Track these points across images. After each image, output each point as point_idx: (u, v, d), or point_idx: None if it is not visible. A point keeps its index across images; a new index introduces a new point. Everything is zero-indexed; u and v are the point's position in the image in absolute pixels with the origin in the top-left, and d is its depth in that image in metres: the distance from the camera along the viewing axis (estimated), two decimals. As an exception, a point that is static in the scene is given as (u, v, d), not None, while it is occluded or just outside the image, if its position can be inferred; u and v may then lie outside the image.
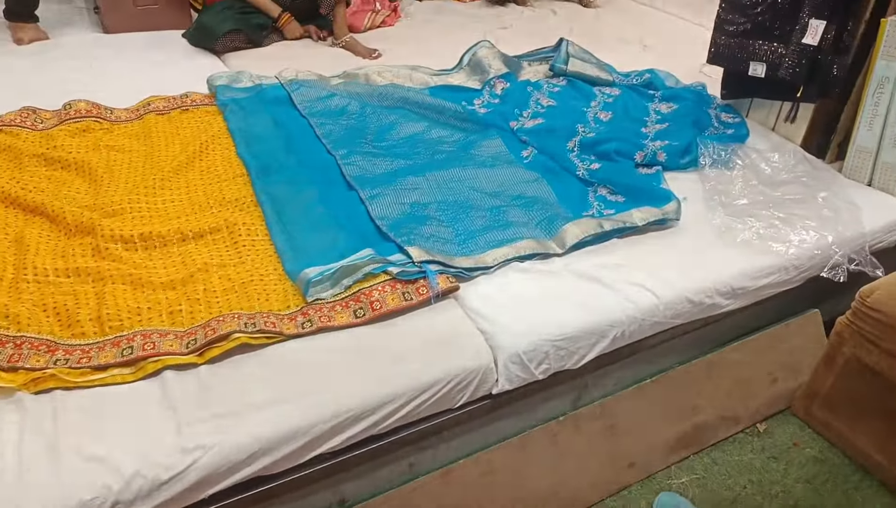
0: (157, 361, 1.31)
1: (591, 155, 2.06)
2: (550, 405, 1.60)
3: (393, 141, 2.11)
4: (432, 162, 2.00)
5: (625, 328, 1.55)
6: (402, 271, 1.51)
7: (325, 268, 1.48)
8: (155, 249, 1.60)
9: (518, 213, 1.80)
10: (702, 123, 2.24)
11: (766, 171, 2.01)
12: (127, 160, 1.95)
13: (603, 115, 2.32)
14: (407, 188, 1.84)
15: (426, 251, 1.56)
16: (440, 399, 1.38)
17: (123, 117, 2.16)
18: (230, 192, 1.81)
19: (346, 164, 1.92)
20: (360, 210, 1.75)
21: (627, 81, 2.55)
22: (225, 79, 2.34)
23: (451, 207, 1.80)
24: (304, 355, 1.36)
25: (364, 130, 2.13)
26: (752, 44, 2.17)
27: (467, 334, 1.46)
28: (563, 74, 2.54)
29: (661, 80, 2.52)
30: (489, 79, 2.47)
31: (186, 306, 1.44)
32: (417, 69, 2.55)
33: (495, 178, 1.94)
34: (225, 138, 2.07)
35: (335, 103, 2.25)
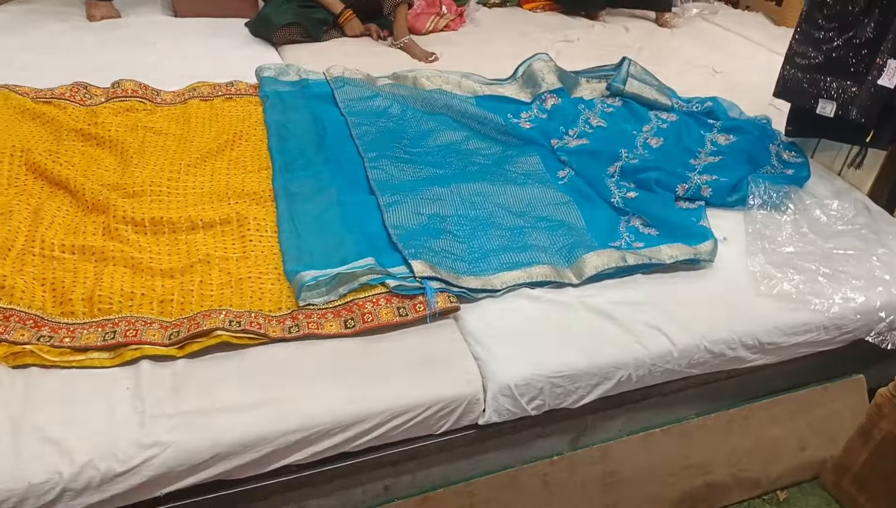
0: (136, 349, 1.29)
1: (631, 182, 1.94)
2: (544, 443, 1.50)
3: (427, 148, 2.05)
4: (462, 174, 1.93)
5: (631, 371, 1.44)
6: (399, 285, 1.44)
7: (321, 273, 1.43)
8: (163, 234, 1.60)
9: (540, 236, 1.71)
10: (758, 160, 2.08)
11: (820, 218, 1.85)
12: (161, 143, 1.97)
13: (654, 141, 2.19)
14: (429, 199, 1.77)
15: (430, 267, 1.49)
16: (419, 424, 1.31)
17: (168, 100, 2.19)
18: (251, 184, 1.79)
19: (372, 167, 1.88)
20: (375, 216, 1.70)
21: (687, 107, 2.41)
22: (272, 71, 2.34)
23: (471, 222, 1.72)
24: (285, 361, 1.32)
25: (401, 135, 2.09)
26: (823, 80, 1.99)
27: (459, 358, 1.38)
28: (620, 94, 2.42)
29: (723, 109, 2.36)
30: (540, 93, 2.38)
31: (179, 296, 1.42)
32: (469, 77, 2.48)
33: (524, 196, 1.85)
34: (260, 130, 2.06)
35: (377, 104, 2.22)
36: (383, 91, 2.29)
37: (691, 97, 2.48)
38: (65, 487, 1.09)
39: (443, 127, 2.15)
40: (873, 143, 1.95)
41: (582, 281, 1.58)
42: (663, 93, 2.45)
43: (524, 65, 2.53)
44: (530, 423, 1.42)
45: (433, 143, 2.08)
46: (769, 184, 1.92)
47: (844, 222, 1.82)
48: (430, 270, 1.48)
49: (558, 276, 1.58)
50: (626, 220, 1.83)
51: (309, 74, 2.39)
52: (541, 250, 1.66)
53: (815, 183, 2.06)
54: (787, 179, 2.02)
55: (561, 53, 2.86)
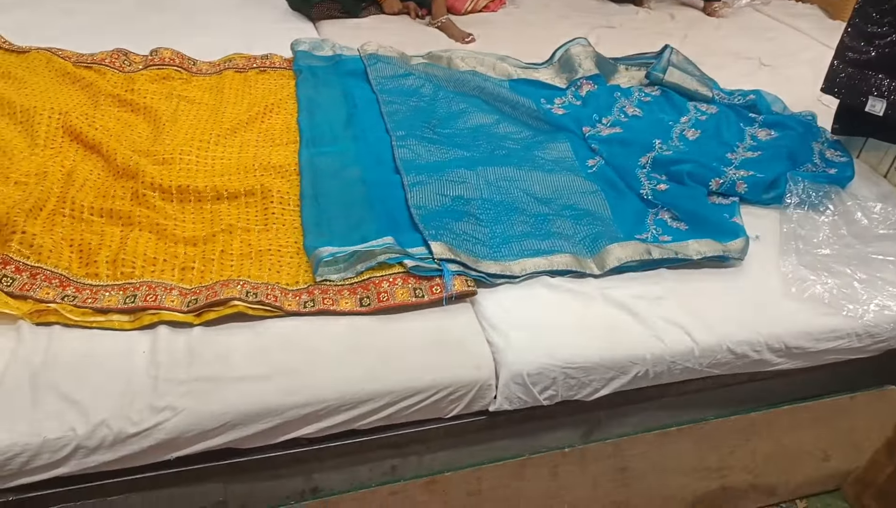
0: (155, 314, 1.31)
1: (662, 174, 1.89)
2: (555, 434, 1.48)
3: (457, 130, 2.03)
4: (490, 157, 1.91)
5: (649, 367, 1.41)
6: (416, 265, 1.43)
7: (338, 250, 1.43)
8: (189, 203, 1.62)
9: (565, 224, 1.68)
10: (799, 158, 2.00)
11: (861, 221, 1.78)
12: (194, 112, 1.98)
13: (690, 133, 2.13)
14: (454, 181, 1.76)
15: (449, 249, 1.48)
16: (429, 407, 1.31)
17: (204, 70, 2.21)
18: (278, 158, 1.80)
19: (399, 145, 1.86)
20: (398, 195, 1.69)
21: (729, 99, 2.33)
22: (307, 45, 2.34)
23: (495, 207, 1.70)
24: (298, 335, 1.32)
25: (431, 115, 2.07)
26: (874, 77, 1.91)
27: (473, 342, 1.37)
28: (660, 83, 2.35)
29: (766, 103, 2.27)
30: (576, 79, 2.33)
31: (200, 264, 1.44)
32: (505, 60, 2.44)
33: (551, 183, 1.82)
34: (291, 104, 2.06)
35: (409, 83, 2.20)
36: (416, 70, 2.27)
37: (733, 89, 2.40)
38: (78, 444, 1.11)
39: (474, 109, 2.12)
40: (923, 145, 1.86)
41: (604, 272, 1.55)
42: (705, 84, 2.36)
43: (561, 49, 2.47)
44: (541, 413, 1.40)
45: (463, 125, 2.06)
46: (808, 182, 1.85)
47: (887, 226, 1.75)
48: (448, 252, 1.47)
49: (580, 266, 1.55)
50: (654, 212, 1.78)
51: (343, 49, 2.38)
52: (564, 238, 1.63)
53: (859, 184, 1.98)
54: (829, 179, 1.94)
55: (601, 39, 2.79)
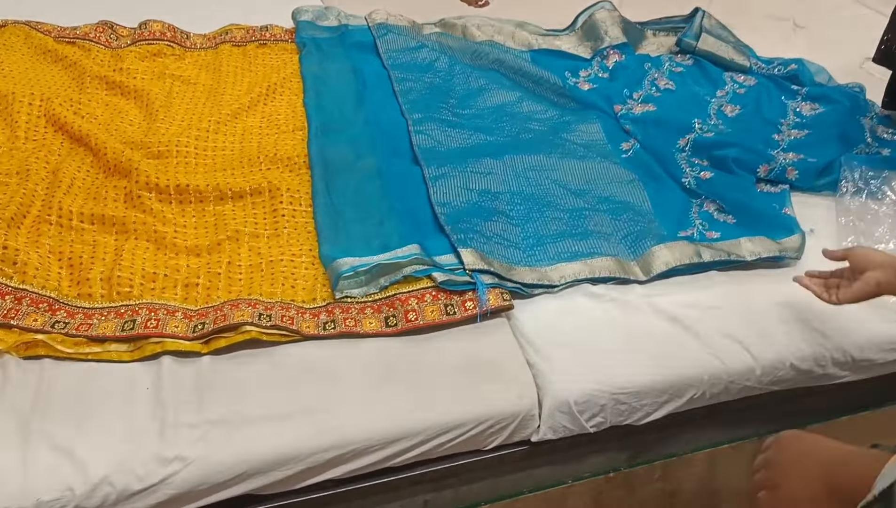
0: (158, 342, 1.17)
1: (705, 159, 1.72)
2: (600, 458, 1.36)
3: (477, 110, 1.85)
4: (516, 142, 1.74)
5: (705, 389, 1.28)
6: (448, 279, 1.29)
7: (360, 262, 1.28)
8: (189, 204, 1.45)
9: (603, 220, 1.52)
10: (851, 137, 1.83)
11: (926, 211, 1.62)
12: (189, 94, 1.80)
13: (729, 109, 1.95)
14: (479, 172, 1.59)
15: (482, 257, 1.33)
16: (466, 441, 1.18)
17: (198, 44, 2.01)
18: (285, 148, 1.62)
19: (417, 131, 1.69)
20: (420, 191, 1.53)
21: (768, 69, 2.13)
22: (310, 14, 2.13)
23: (525, 201, 1.54)
24: (319, 362, 1.18)
25: (448, 92, 1.88)
26: (937, 48, 1.74)
27: (512, 365, 1.23)
28: (692, 51, 2.15)
29: (809, 74, 2.08)
30: (602, 48, 2.13)
31: (205, 279, 1.29)
32: (524, 26, 2.24)
33: (584, 172, 1.66)
34: (296, 82, 1.88)
35: (423, 56, 2.00)
36: (430, 41, 2.07)
37: (772, 58, 2.19)
38: (77, 505, 0.98)
39: (494, 85, 1.93)
40: None
41: (649, 278, 1.40)
42: (741, 52, 2.16)
43: (585, 14, 2.26)
44: (587, 439, 1.28)
45: (483, 103, 1.87)
46: (865, 167, 1.70)
47: (954, 217, 1.60)
48: (481, 261, 1.32)
49: (623, 271, 1.40)
50: (698, 204, 1.63)
51: (349, 18, 2.17)
52: (603, 237, 1.48)
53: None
54: (883, 162, 1.78)
55: (624, 1, 2.58)
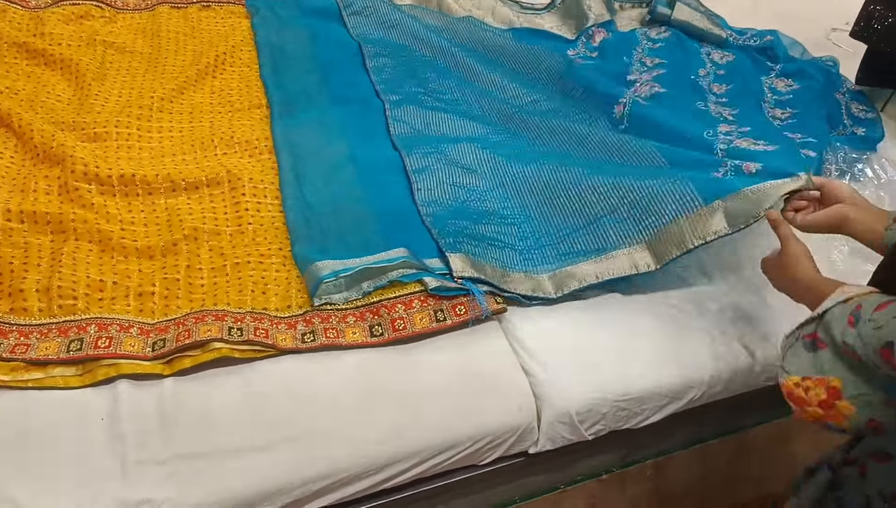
0: (111, 364, 1.02)
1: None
2: (592, 461, 1.30)
3: (461, 94, 1.65)
4: (505, 129, 1.57)
5: (705, 390, 1.23)
6: (440, 285, 1.17)
7: (342, 266, 1.15)
8: (136, 197, 1.28)
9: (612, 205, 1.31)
10: (833, 116, 1.77)
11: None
12: (125, 64, 1.60)
13: (717, 88, 1.83)
14: (465, 166, 1.43)
15: (473, 264, 1.21)
16: (462, 459, 1.09)
17: (131, 5, 1.79)
18: (241, 129, 1.46)
19: (394, 118, 1.52)
20: (401, 180, 1.38)
21: (743, 41, 2.03)
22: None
23: (520, 196, 1.38)
24: (299, 380, 1.06)
25: (426, 73, 1.68)
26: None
27: (509, 375, 1.14)
28: (666, 22, 2.02)
29: (784, 47, 1.99)
30: (588, 27, 1.94)
31: (161, 287, 1.14)
32: (504, 2, 2.04)
33: (585, 155, 1.48)
34: (247, 52, 1.69)
35: (396, 34, 1.79)
36: (403, 20, 1.84)
37: (745, 28, 2.09)
38: (26, 567, 0.85)
39: (478, 65, 1.73)
40: (972, 104, 1.69)
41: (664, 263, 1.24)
42: (715, 23, 2.05)
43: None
44: (583, 445, 1.21)
45: (467, 86, 1.67)
46: (848, 148, 1.66)
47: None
48: (471, 268, 1.20)
49: (635, 265, 1.25)
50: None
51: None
52: (615, 224, 1.28)
53: (888, 146, 1.80)
54: (862, 142, 1.75)
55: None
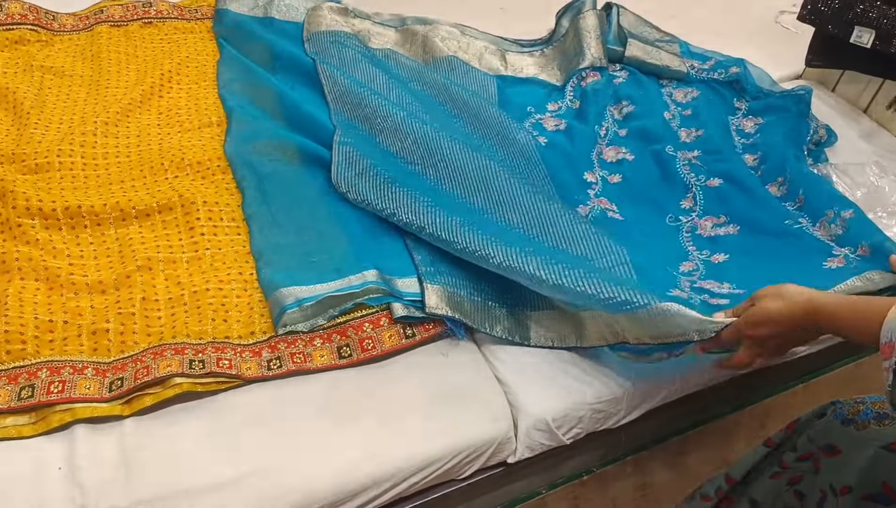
0: (66, 410, 0.97)
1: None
2: (573, 462, 1.29)
3: (428, 181, 1.36)
4: (460, 202, 1.31)
5: (678, 385, 1.22)
6: (407, 314, 1.13)
7: (307, 294, 1.11)
8: (84, 229, 1.23)
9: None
10: (800, 155, 1.54)
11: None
12: (65, 89, 1.54)
13: (685, 134, 1.61)
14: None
15: (449, 300, 1.14)
16: (441, 475, 1.07)
17: (69, 26, 1.73)
18: (192, 150, 1.41)
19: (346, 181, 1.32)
20: None
21: (707, 74, 1.77)
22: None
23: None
24: (267, 409, 1.03)
25: (388, 148, 1.41)
26: (862, 4, 1.72)
27: (482, 385, 1.12)
28: (619, 60, 1.78)
29: (752, 78, 1.75)
30: (582, 67, 1.70)
31: (116, 322, 1.09)
32: (499, 43, 1.84)
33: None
34: (194, 68, 1.64)
35: (366, 97, 1.47)
36: (378, 68, 1.61)
37: (706, 52, 1.84)
38: None
39: (454, 142, 1.40)
40: (919, 81, 1.72)
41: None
42: (674, 53, 1.81)
43: (567, 16, 1.82)
44: (562, 449, 1.20)
45: (436, 158, 1.37)
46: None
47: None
48: (446, 305, 1.13)
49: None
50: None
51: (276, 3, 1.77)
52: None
53: (841, 124, 1.82)
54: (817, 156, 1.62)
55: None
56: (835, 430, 1.00)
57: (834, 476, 1.00)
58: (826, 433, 1.02)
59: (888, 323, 0.77)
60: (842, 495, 0.99)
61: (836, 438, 1.00)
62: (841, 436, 0.99)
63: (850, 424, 0.98)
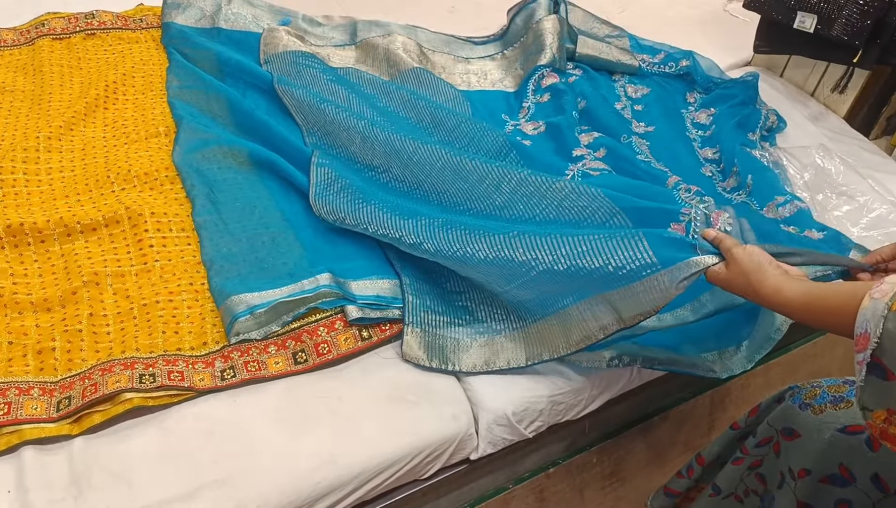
0: (13, 431, 0.95)
1: None
2: (538, 455, 1.30)
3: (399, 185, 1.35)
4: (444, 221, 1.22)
5: (638, 372, 1.23)
6: (361, 316, 1.12)
7: (259, 300, 1.10)
8: (28, 247, 1.20)
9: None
10: (749, 142, 1.56)
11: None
12: (6, 105, 1.50)
13: (637, 126, 1.61)
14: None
15: (427, 347, 1.12)
16: (402, 476, 1.06)
17: (9, 41, 1.69)
18: (139, 161, 1.38)
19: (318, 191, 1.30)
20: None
21: (659, 68, 1.79)
22: (180, 10, 1.74)
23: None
24: (221, 419, 1.01)
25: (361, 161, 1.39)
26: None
27: (440, 382, 1.12)
28: (571, 58, 1.75)
29: (701, 69, 1.77)
30: (539, 66, 1.67)
31: (62, 340, 1.06)
32: (451, 44, 1.81)
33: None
34: (142, 77, 1.61)
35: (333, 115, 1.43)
36: (341, 84, 1.56)
37: (657, 45, 1.86)
38: None
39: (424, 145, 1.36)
40: (861, 62, 1.75)
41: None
42: (624, 49, 1.80)
43: (522, 14, 1.79)
44: (525, 443, 1.20)
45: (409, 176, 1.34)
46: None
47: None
48: (423, 352, 1.11)
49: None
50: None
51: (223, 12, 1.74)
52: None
53: (789, 107, 1.86)
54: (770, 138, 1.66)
55: None
56: (793, 414, 1.01)
57: (793, 459, 1.01)
58: (784, 418, 1.03)
59: (862, 313, 0.71)
60: (800, 478, 1.01)
61: (794, 422, 1.01)
62: (799, 420, 1.00)
63: (808, 408, 1.00)
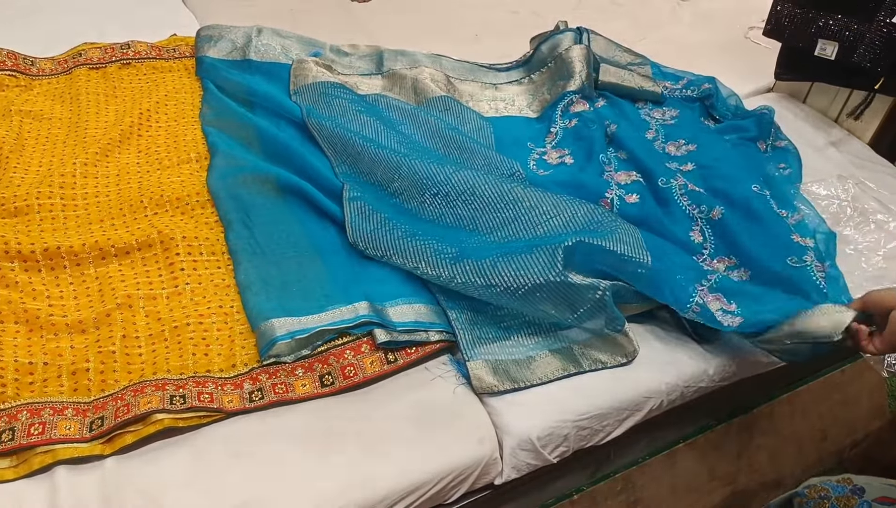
0: (47, 452, 0.97)
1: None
2: (562, 482, 1.29)
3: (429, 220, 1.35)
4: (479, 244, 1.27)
5: (663, 398, 1.22)
6: (389, 339, 1.13)
7: (300, 327, 1.11)
8: (64, 270, 1.23)
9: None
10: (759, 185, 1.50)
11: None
12: (45, 133, 1.55)
13: (672, 148, 1.63)
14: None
15: (494, 371, 1.13)
16: (428, 499, 1.06)
17: (47, 70, 1.75)
18: (171, 186, 1.42)
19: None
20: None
21: (681, 93, 1.81)
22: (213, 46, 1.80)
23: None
24: (249, 441, 1.03)
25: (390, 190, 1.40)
26: (823, 17, 1.76)
27: (466, 407, 1.13)
28: (594, 86, 1.76)
29: (722, 97, 1.78)
30: (568, 92, 1.69)
31: (96, 362, 1.09)
32: (475, 72, 1.85)
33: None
34: (174, 105, 1.66)
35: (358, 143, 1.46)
36: (371, 110, 1.60)
37: (679, 72, 1.87)
38: None
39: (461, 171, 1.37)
40: (883, 89, 1.75)
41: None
42: (647, 76, 1.81)
43: (547, 43, 1.81)
44: (549, 468, 1.20)
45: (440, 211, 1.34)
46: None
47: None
48: (493, 376, 1.12)
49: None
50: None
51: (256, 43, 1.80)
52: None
53: (812, 133, 1.86)
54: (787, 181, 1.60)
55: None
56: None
57: None
58: None
59: None
60: None
61: None
62: None
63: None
